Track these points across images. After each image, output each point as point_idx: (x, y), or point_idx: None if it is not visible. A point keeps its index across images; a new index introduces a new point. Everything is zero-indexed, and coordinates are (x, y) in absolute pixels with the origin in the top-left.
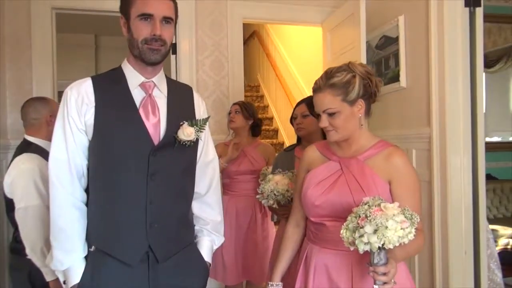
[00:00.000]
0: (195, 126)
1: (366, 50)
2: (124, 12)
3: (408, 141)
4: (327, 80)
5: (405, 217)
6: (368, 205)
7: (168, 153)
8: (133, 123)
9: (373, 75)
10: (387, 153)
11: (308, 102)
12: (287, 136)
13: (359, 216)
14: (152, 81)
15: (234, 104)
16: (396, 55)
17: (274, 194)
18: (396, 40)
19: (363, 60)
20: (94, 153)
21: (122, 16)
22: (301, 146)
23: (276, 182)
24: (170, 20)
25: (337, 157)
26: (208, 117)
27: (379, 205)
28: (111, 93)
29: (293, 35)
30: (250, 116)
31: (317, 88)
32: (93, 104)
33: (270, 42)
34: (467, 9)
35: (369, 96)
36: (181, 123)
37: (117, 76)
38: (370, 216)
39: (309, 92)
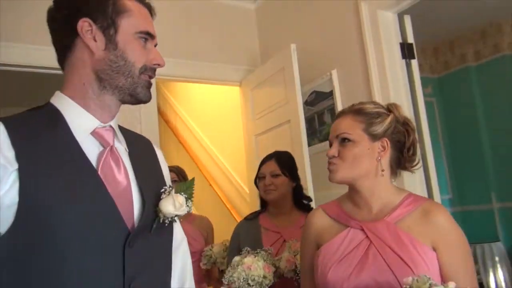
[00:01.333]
0: (182, 193)
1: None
2: (100, 14)
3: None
4: (353, 106)
5: None
6: None
7: (146, 241)
8: (90, 195)
9: (413, 129)
10: (425, 210)
11: (278, 157)
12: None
13: None
14: (111, 126)
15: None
16: (332, 110)
17: (248, 284)
18: (330, 94)
19: (300, 116)
20: (12, 259)
21: (91, 19)
22: (267, 213)
23: (248, 267)
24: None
25: (356, 221)
26: (193, 178)
27: None
28: (44, 145)
29: (197, 97)
30: None
31: (340, 113)
32: (14, 165)
33: (168, 107)
34: (404, 60)
35: (400, 146)
36: (163, 189)
37: (50, 119)
38: None
39: (221, 156)
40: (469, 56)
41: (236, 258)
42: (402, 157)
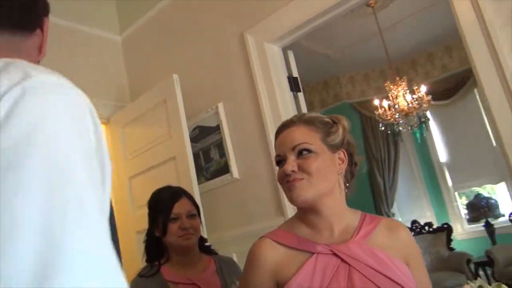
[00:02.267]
0: None
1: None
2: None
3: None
4: (302, 116)
5: None
6: None
7: None
8: None
9: (355, 144)
10: (388, 227)
11: (189, 195)
12: None
13: None
14: None
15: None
16: (219, 145)
17: None
18: (217, 128)
19: (188, 152)
20: None
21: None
22: (169, 264)
23: None
24: None
25: (323, 245)
26: None
27: None
28: None
29: None
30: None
31: (286, 124)
32: None
33: None
34: (292, 93)
35: (350, 159)
36: None
37: None
38: None
39: None
40: (316, 103)
41: None
42: (350, 172)
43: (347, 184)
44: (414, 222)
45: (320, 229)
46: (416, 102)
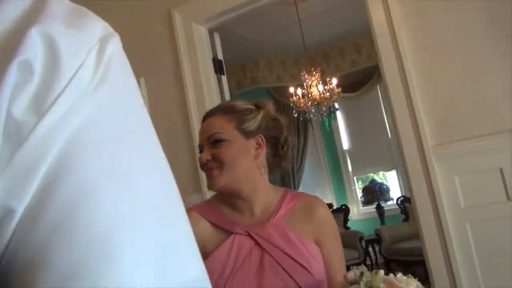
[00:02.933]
0: None
1: None
2: None
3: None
4: (221, 105)
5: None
6: (368, 285)
7: None
8: None
9: (284, 126)
10: (305, 205)
11: None
12: None
13: None
14: None
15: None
16: None
17: None
18: None
19: None
20: None
21: None
22: None
23: None
24: None
25: (241, 226)
26: None
27: (385, 279)
28: None
29: None
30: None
31: (206, 114)
32: None
33: None
34: (216, 75)
35: (275, 142)
36: None
37: None
38: None
39: None
40: (232, 85)
41: None
42: (277, 154)
43: (265, 167)
44: None
45: (240, 210)
46: (328, 93)
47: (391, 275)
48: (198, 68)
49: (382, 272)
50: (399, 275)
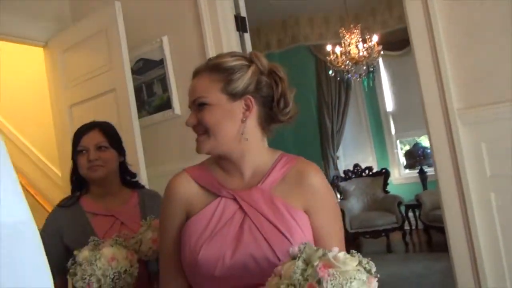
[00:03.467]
0: None
1: None
2: None
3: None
4: (210, 61)
5: (365, 269)
6: (306, 262)
7: None
8: None
9: (282, 78)
10: (298, 171)
11: (103, 127)
12: None
13: (300, 284)
14: None
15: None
16: (163, 80)
17: (116, 279)
18: (160, 63)
19: (128, 85)
20: None
21: None
22: (89, 196)
23: (113, 259)
24: None
25: (228, 190)
26: None
27: (323, 257)
28: None
29: None
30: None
31: (195, 72)
32: None
33: None
34: (238, 33)
35: (269, 101)
36: None
37: None
38: (323, 280)
39: (19, 132)
40: (273, 43)
41: (84, 253)
42: (273, 112)
43: (259, 128)
44: (356, 165)
45: (231, 174)
46: (366, 51)
47: (333, 253)
48: (218, 25)
49: (321, 250)
50: (341, 254)
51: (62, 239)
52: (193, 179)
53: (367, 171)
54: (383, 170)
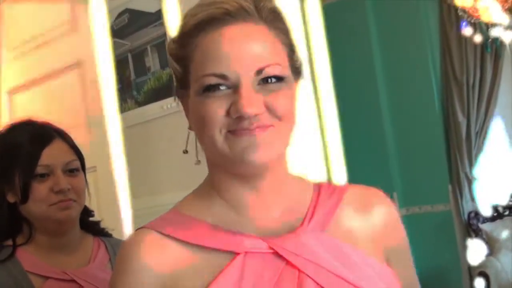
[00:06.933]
0: None
1: None
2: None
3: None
4: (261, 4)
5: None
6: None
7: None
8: None
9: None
10: (357, 199)
11: (68, 138)
12: None
13: None
14: None
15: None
16: (161, 45)
17: None
18: (157, 17)
19: (103, 55)
20: None
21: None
22: (32, 246)
23: None
24: None
25: (255, 237)
26: None
27: None
28: None
29: None
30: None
31: (231, 13)
32: None
33: None
34: None
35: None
36: None
37: None
38: None
39: None
40: None
41: None
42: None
43: None
44: None
45: (250, 209)
46: None
47: None
48: None
49: None
50: None
51: None
52: (171, 237)
53: None
54: None
